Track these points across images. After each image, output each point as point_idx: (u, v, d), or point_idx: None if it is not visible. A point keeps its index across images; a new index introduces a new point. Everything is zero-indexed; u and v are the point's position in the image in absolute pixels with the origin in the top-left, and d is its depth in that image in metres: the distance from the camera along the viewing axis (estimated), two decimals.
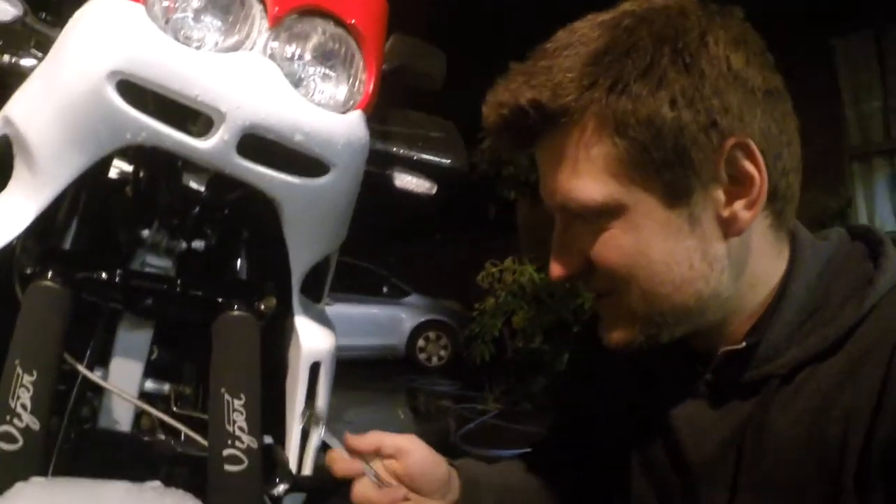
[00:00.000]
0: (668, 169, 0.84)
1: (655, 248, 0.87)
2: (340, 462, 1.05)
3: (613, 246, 0.88)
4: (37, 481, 0.86)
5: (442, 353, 13.22)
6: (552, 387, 7.59)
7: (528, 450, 1.31)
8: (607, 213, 0.87)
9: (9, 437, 0.89)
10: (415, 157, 1.41)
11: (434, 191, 1.38)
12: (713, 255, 0.88)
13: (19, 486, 0.83)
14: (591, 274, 0.93)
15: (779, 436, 0.87)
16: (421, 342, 13.26)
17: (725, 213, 0.86)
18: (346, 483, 1.06)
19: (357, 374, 10.17)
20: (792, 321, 0.90)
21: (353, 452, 1.06)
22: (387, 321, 13.23)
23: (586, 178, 0.87)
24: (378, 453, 1.07)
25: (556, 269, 0.96)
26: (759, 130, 0.85)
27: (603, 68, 0.84)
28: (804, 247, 0.93)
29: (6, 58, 1.27)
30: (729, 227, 0.87)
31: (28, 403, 0.90)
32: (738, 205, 0.86)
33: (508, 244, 9.23)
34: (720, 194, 0.86)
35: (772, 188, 0.87)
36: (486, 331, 8.56)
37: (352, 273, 12.48)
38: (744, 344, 0.91)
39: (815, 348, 0.87)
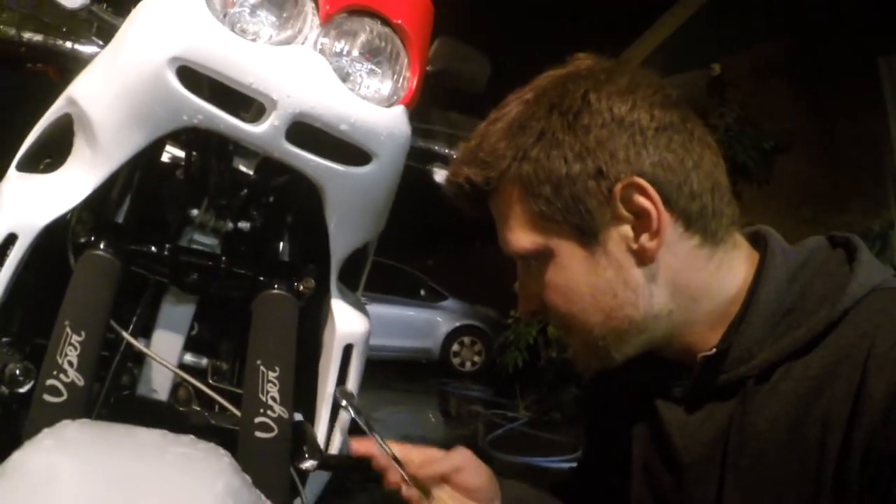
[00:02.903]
0: (571, 215, 0.96)
1: (582, 284, 0.98)
2: (357, 444, 1.14)
3: (551, 286, 1.01)
4: (82, 421, 0.93)
5: (476, 358, 13.22)
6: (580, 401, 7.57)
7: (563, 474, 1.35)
8: (541, 259, 1.01)
9: (55, 391, 0.95)
10: (455, 156, 1.46)
11: None
12: (635, 283, 0.97)
13: (64, 422, 0.89)
14: (547, 311, 1.05)
15: (760, 436, 0.92)
16: (455, 347, 13.27)
17: (635, 246, 0.96)
18: (370, 466, 1.11)
19: (391, 374, 10.22)
20: (763, 324, 0.95)
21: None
22: (423, 324, 13.27)
23: (518, 232, 1.01)
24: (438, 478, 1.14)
25: (521, 308, 1.12)
26: (651, 166, 0.94)
27: (509, 141, 0.99)
28: (774, 254, 0.99)
29: (69, 44, 1.35)
30: (641, 258, 0.96)
31: (75, 361, 0.97)
32: (644, 237, 0.95)
33: None
34: (628, 230, 0.96)
35: (681, 213, 0.96)
36: (520, 338, 8.56)
37: (390, 275, 12.53)
38: (714, 350, 0.98)
39: (787, 349, 0.92)
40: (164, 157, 1.31)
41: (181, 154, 1.30)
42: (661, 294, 0.98)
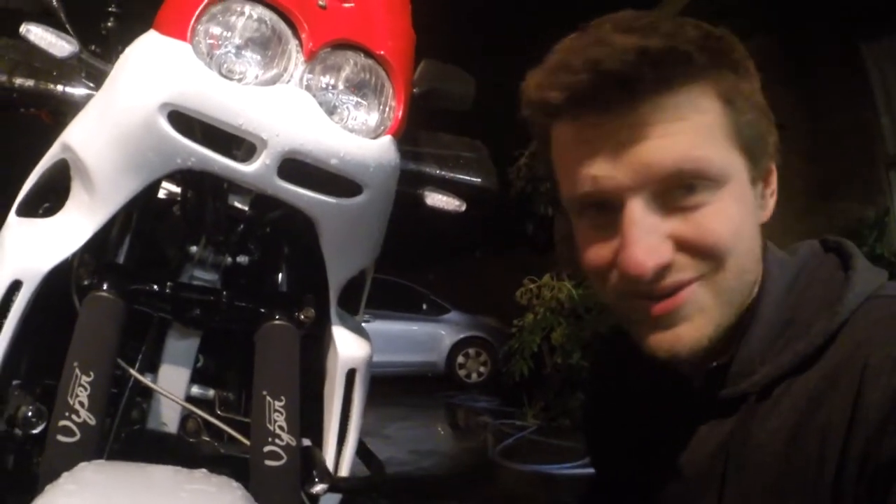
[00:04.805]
0: (755, 146, 0.89)
1: (746, 224, 0.89)
2: None
3: (724, 217, 0.85)
4: (98, 462, 0.96)
5: (481, 369, 13.22)
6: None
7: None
8: (716, 182, 0.85)
9: (68, 431, 0.98)
10: (446, 177, 1.48)
11: (463, 209, 1.45)
12: (758, 242, 0.93)
13: (82, 465, 0.92)
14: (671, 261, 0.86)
15: (760, 451, 0.90)
16: (461, 358, 13.27)
17: (762, 201, 0.94)
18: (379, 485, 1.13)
19: (397, 390, 10.23)
20: (763, 337, 0.93)
21: None
22: (427, 338, 13.29)
23: (708, 143, 0.84)
24: None
25: (646, 259, 0.84)
26: None
27: (716, 40, 0.86)
28: (773, 264, 0.96)
29: (60, 88, 1.38)
30: (760, 217, 0.94)
31: (85, 401, 0.99)
32: (768, 192, 0.94)
33: (546, 260, 9.23)
34: (765, 184, 0.94)
35: None
36: (525, 347, 8.55)
37: (392, 291, 12.56)
38: (714, 364, 0.95)
39: (787, 364, 0.90)
40: (161, 194, 1.34)
41: (177, 190, 1.33)
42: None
